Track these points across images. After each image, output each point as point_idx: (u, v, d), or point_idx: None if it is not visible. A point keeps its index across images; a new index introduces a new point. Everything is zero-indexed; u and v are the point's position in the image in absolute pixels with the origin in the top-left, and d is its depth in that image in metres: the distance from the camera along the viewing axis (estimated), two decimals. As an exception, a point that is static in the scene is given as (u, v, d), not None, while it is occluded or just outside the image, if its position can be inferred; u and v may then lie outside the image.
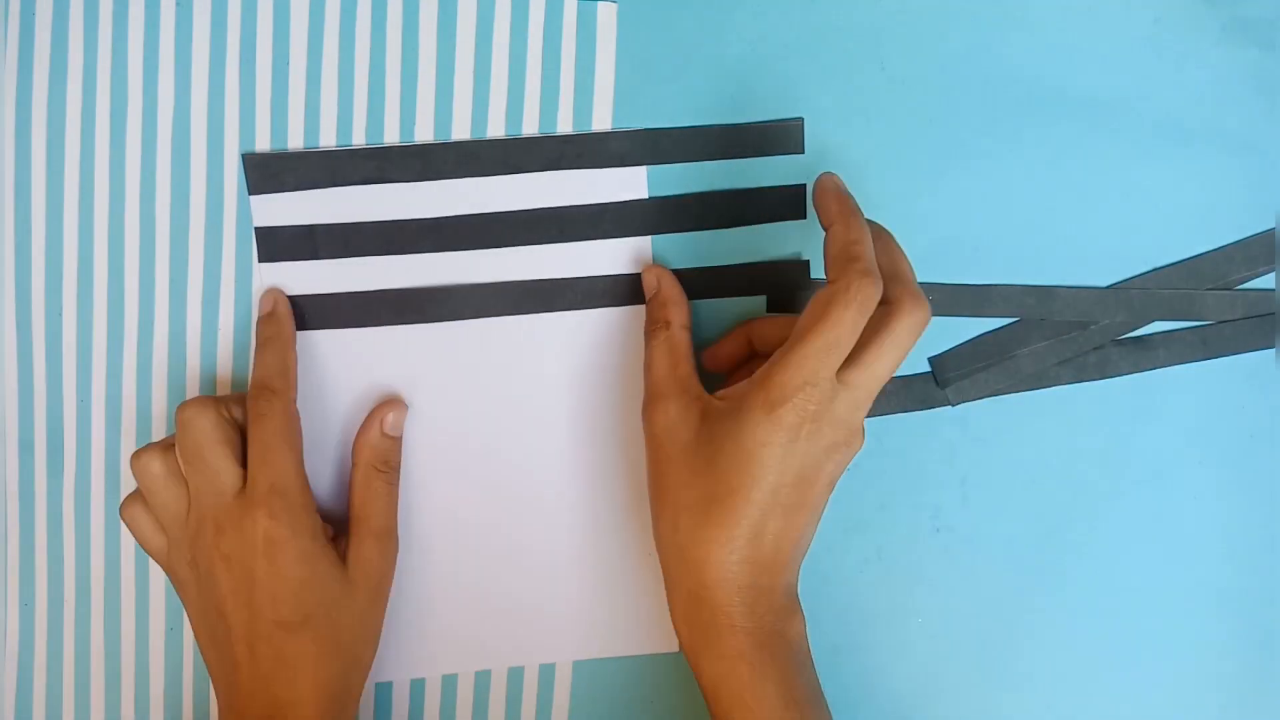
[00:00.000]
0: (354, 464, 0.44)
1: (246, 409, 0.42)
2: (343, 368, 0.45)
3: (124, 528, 0.46)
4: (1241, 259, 0.46)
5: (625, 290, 0.45)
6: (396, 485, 0.45)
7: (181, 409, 0.41)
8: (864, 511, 0.46)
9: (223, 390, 0.46)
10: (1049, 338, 0.46)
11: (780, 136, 0.45)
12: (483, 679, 0.46)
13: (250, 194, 0.45)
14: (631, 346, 0.45)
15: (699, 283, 0.45)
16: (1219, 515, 0.47)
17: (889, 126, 0.45)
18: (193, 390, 0.45)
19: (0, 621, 0.46)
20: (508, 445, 0.46)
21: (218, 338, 0.45)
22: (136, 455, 0.41)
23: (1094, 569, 0.47)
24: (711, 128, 0.45)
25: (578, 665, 0.46)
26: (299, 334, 0.45)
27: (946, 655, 0.46)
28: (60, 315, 0.45)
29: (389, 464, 0.44)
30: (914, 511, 0.46)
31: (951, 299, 0.46)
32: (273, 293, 0.45)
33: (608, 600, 0.46)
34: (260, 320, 0.44)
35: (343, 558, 0.42)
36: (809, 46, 0.45)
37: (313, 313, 0.45)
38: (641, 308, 0.45)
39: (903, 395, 0.46)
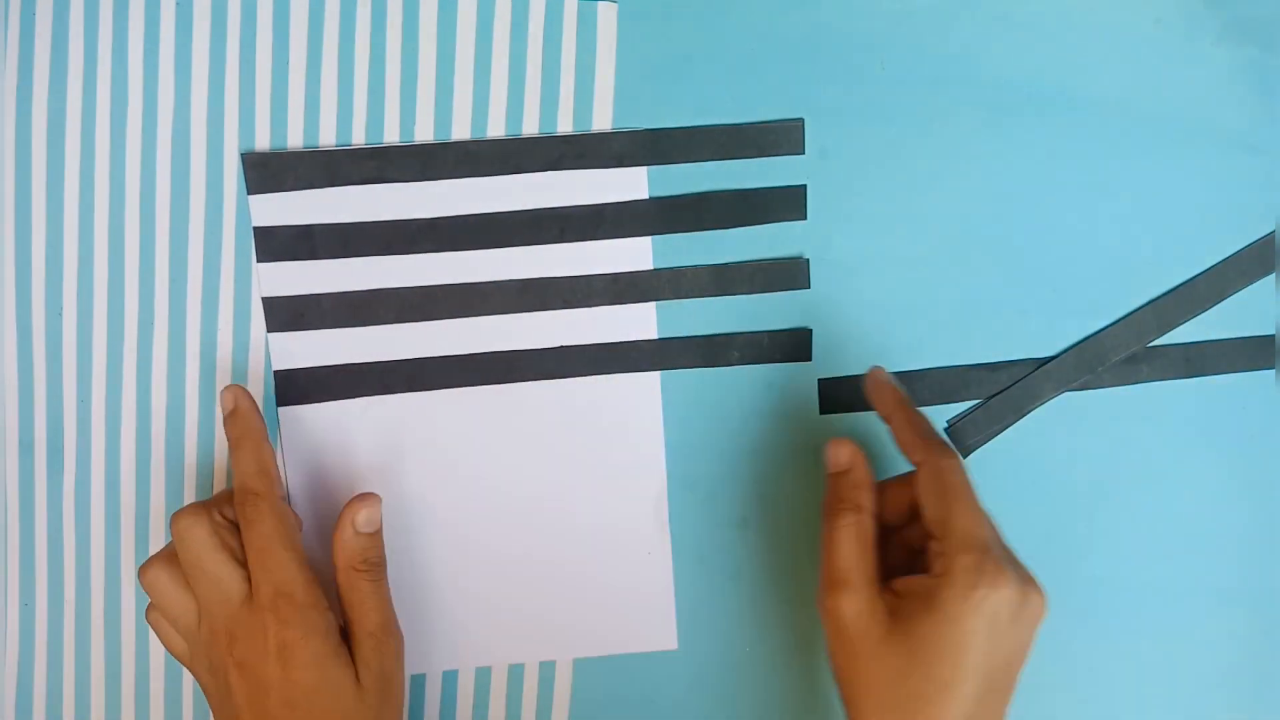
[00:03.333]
0: (335, 566, 0.42)
1: (251, 510, 0.40)
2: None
3: (123, 529, 0.46)
4: (1235, 273, 0.46)
5: (625, 289, 0.45)
6: (383, 581, 0.42)
7: (175, 520, 0.40)
8: (864, 511, 0.46)
9: (222, 380, 0.45)
10: (1059, 387, 0.46)
11: (780, 136, 0.45)
12: (483, 676, 0.46)
13: (249, 193, 0.45)
14: (628, 339, 0.46)
15: (699, 283, 0.45)
16: (1220, 515, 0.47)
17: (889, 126, 0.45)
18: (192, 392, 0.45)
19: (0, 621, 0.46)
20: (507, 443, 0.46)
21: (217, 337, 0.45)
22: (142, 569, 0.41)
23: (1094, 569, 0.47)
24: (711, 128, 0.45)
25: (578, 663, 0.46)
26: (297, 333, 0.45)
27: (946, 655, 0.46)
28: (60, 315, 0.45)
29: (368, 562, 0.42)
30: (914, 511, 0.46)
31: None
32: (232, 390, 0.43)
33: (608, 598, 0.46)
34: (226, 420, 0.43)
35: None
36: (809, 46, 0.45)
37: (311, 313, 0.45)
38: (641, 305, 0.45)
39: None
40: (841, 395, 0.46)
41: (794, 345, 0.46)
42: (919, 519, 0.40)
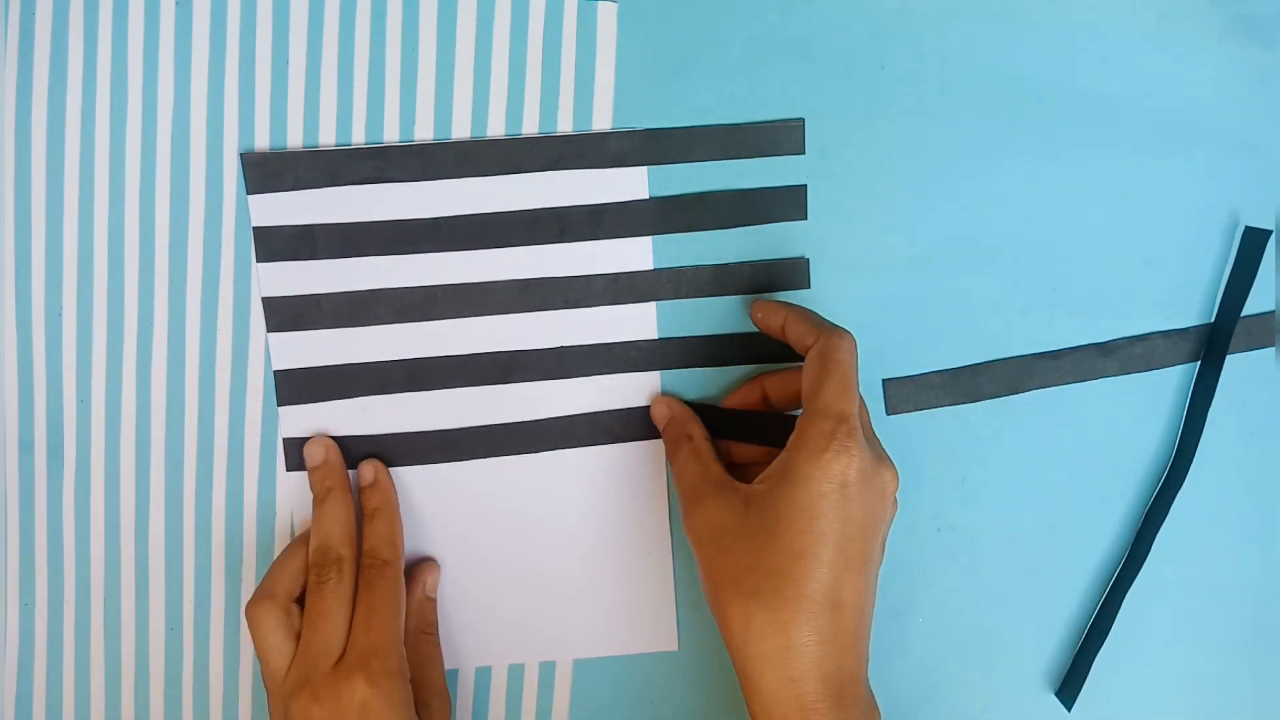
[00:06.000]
0: (405, 630, 0.43)
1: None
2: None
3: (123, 529, 0.46)
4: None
5: (625, 289, 0.45)
6: (439, 643, 0.45)
7: (250, 611, 0.41)
8: (864, 511, 0.46)
9: (222, 380, 0.45)
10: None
11: (780, 136, 0.45)
12: (483, 676, 0.46)
13: (249, 193, 0.45)
14: (628, 338, 0.46)
15: (699, 283, 0.45)
16: (1220, 514, 0.47)
17: (889, 126, 0.45)
18: (192, 391, 0.45)
19: (0, 621, 0.46)
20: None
21: (217, 337, 0.45)
22: (251, 605, 0.41)
23: (1095, 568, 0.47)
24: (711, 128, 0.45)
25: (578, 664, 0.46)
26: (297, 333, 0.45)
27: (946, 655, 0.46)
28: (60, 315, 0.45)
29: (433, 625, 0.45)
30: (914, 511, 0.46)
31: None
32: (372, 464, 0.45)
33: (608, 599, 0.46)
34: (365, 489, 0.45)
35: None
36: (809, 46, 0.45)
37: (310, 313, 0.45)
38: (641, 305, 0.45)
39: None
40: (906, 394, 0.46)
41: (794, 345, 0.46)
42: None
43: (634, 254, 0.45)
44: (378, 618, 0.41)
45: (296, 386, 0.45)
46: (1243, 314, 0.46)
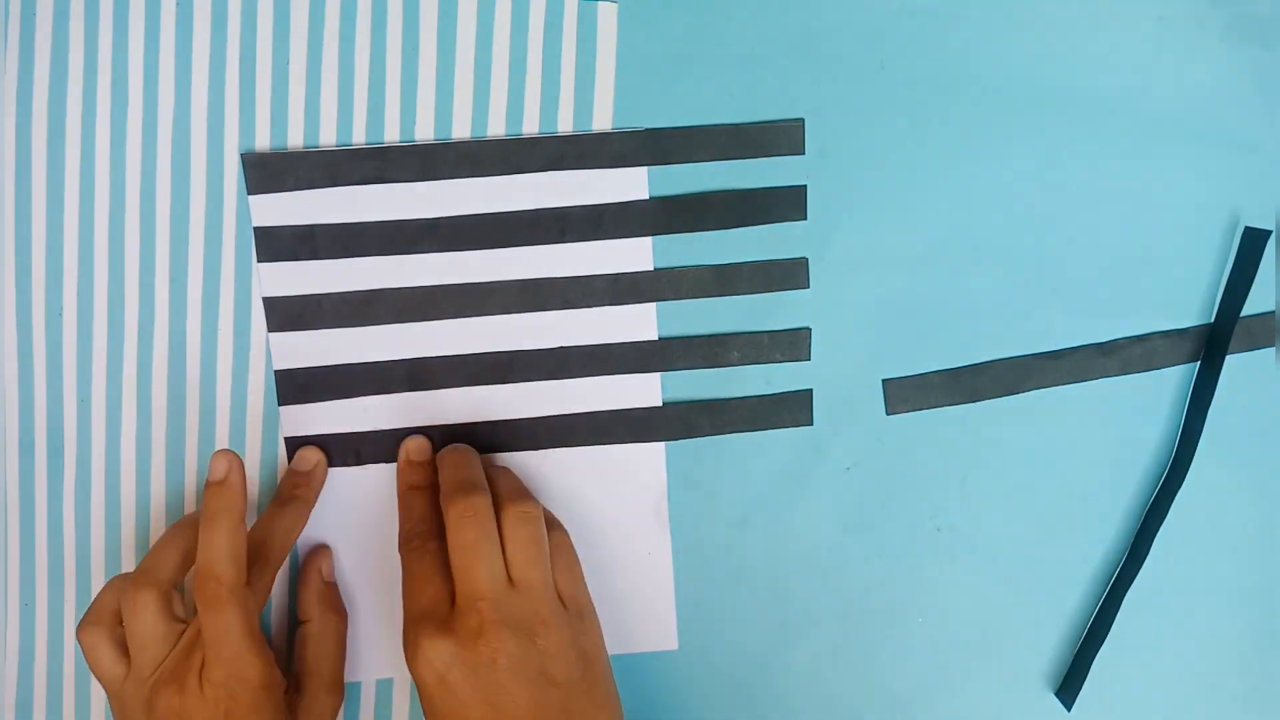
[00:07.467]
0: (306, 617, 0.44)
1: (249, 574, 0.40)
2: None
3: (124, 529, 0.46)
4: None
5: (625, 290, 0.45)
6: (345, 633, 0.45)
7: (130, 594, 0.40)
8: (864, 511, 0.46)
9: (223, 380, 0.45)
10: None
11: (780, 136, 0.45)
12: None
13: (249, 194, 0.45)
14: (628, 339, 0.46)
15: (699, 283, 0.45)
16: (1222, 514, 0.47)
17: (889, 126, 0.45)
18: (193, 391, 0.45)
19: (0, 621, 0.46)
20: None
21: (217, 337, 0.45)
22: (81, 632, 0.41)
23: (1095, 568, 0.47)
24: (711, 128, 0.45)
25: (578, 665, 0.46)
26: (298, 333, 0.45)
27: (946, 655, 0.46)
28: (60, 315, 0.45)
29: (339, 610, 0.44)
30: (914, 511, 0.46)
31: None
32: (226, 457, 0.41)
33: (608, 598, 0.46)
34: (209, 487, 0.41)
35: (294, 711, 0.42)
36: (809, 46, 0.45)
37: (311, 313, 0.45)
38: (641, 306, 0.45)
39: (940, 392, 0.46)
40: (906, 394, 0.46)
41: (794, 345, 0.46)
42: None
43: (634, 254, 0.45)
44: (227, 645, 0.39)
45: (297, 386, 0.45)
46: (1243, 314, 0.46)
